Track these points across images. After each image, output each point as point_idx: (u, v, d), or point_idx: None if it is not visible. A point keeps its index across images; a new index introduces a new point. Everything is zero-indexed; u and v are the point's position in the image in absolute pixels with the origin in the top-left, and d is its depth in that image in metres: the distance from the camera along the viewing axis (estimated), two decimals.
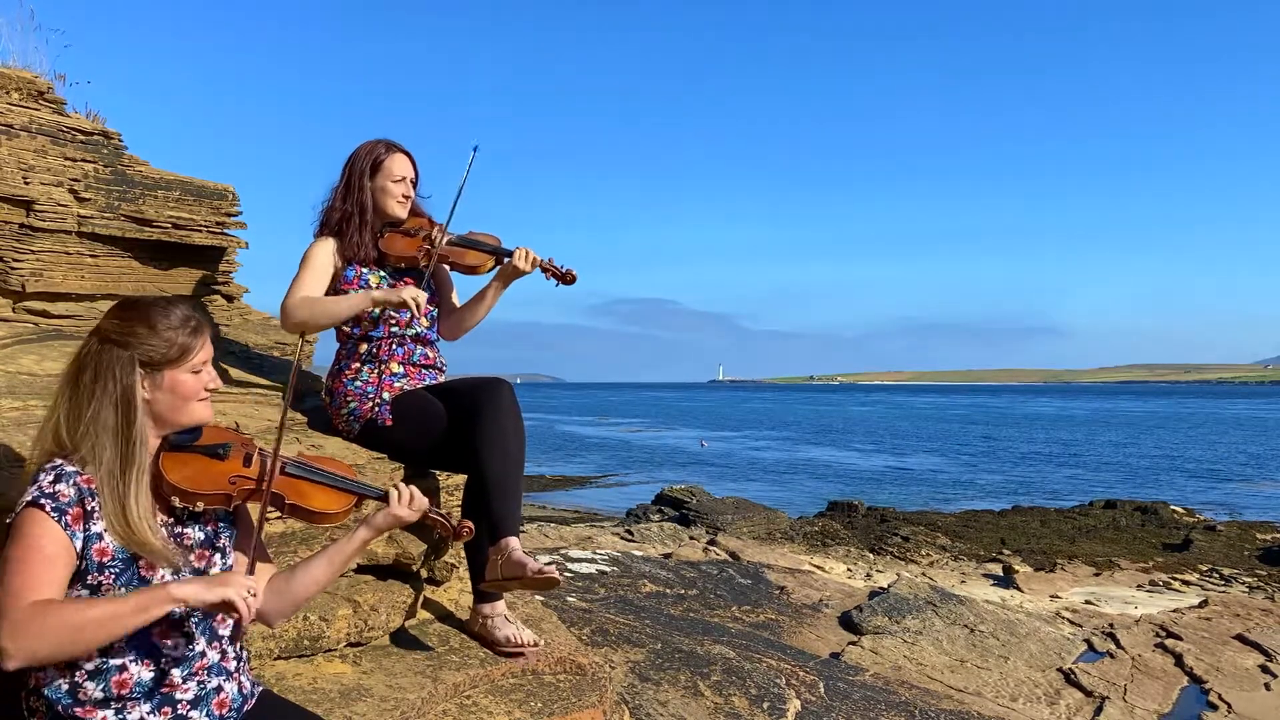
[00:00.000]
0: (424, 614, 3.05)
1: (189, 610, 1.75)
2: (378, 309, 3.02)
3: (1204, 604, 10.55)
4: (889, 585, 9.98)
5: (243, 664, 1.92)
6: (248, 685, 1.92)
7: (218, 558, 1.87)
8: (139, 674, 1.72)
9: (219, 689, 1.82)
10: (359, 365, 3.07)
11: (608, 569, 9.02)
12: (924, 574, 12.25)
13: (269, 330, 4.03)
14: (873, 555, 13.70)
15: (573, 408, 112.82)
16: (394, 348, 3.09)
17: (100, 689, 1.69)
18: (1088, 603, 10.77)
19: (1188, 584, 12.30)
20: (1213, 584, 12.30)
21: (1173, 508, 18.19)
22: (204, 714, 1.78)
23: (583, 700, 2.84)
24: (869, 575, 11.87)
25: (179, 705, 1.75)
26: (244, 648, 1.97)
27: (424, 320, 3.15)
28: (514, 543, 2.75)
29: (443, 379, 3.19)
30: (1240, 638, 9.01)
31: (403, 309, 2.97)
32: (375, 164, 3.13)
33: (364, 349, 3.08)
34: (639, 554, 10.40)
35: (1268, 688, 7.71)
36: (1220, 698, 7.41)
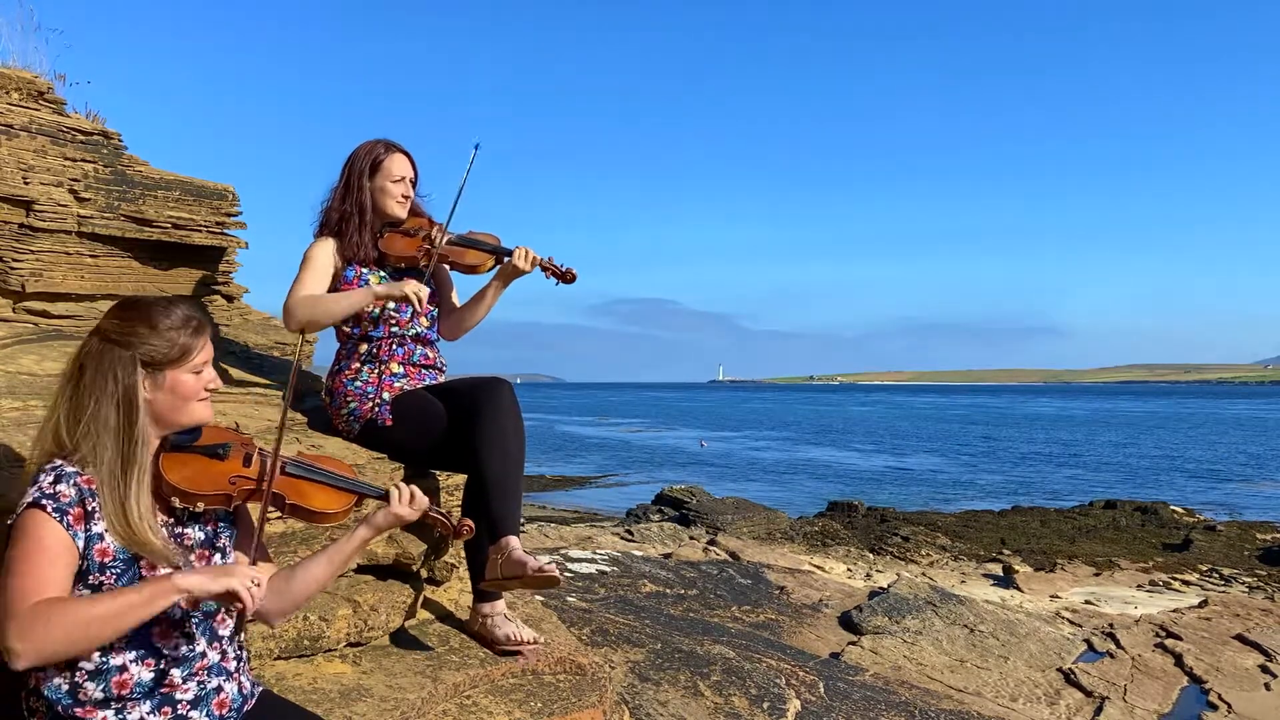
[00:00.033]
0: (424, 614, 3.06)
1: (190, 610, 1.75)
2: (379, 306, 3.02)
3: (1204, 604, 10.55)
4: (889, 585, 9.98)
5: (243, 664, 1.92)
6: (248, 685, 1.92)
7: (218, 558, 1.87)
8: (139, 674, 1.72)
9: (219, 689, 1.82)
10: (359, 365, 3.07)
11: (608, 569, 9.02)
12: (924, 574, 12.25)
13: (269, 330, 4.03)
14: (873, 555, 13.70)
15: (573, 408, 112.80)
16: (394, 348, 3.09)
17: (100, 689, 1.69)
18: (1088, 603, 10.77)
19: (1188, 584, 12.30)
20: (1213, 584, 12.30)
21: (1173, 508, 18.19)
22: (204, 714, 1.78)
23: (583, 700, 2.84)
24: (869, 575, 11.87)
25: (179, 705, 1.75)
26: (244, 648, 1.97)
27: (424, 319, 3.15)
28: (514, 542, 2.76)
29: (443, 379, 3.20)
30: (1240, 638, 9.01)
31: (405, 302, 2.97)
32: (374, 164, 3.13)
33: (364, 349, 3.08)
34: (639, 554, 10.40)
35: (1268, 688, 7.71)
36: (1220, 698, 7.41)
